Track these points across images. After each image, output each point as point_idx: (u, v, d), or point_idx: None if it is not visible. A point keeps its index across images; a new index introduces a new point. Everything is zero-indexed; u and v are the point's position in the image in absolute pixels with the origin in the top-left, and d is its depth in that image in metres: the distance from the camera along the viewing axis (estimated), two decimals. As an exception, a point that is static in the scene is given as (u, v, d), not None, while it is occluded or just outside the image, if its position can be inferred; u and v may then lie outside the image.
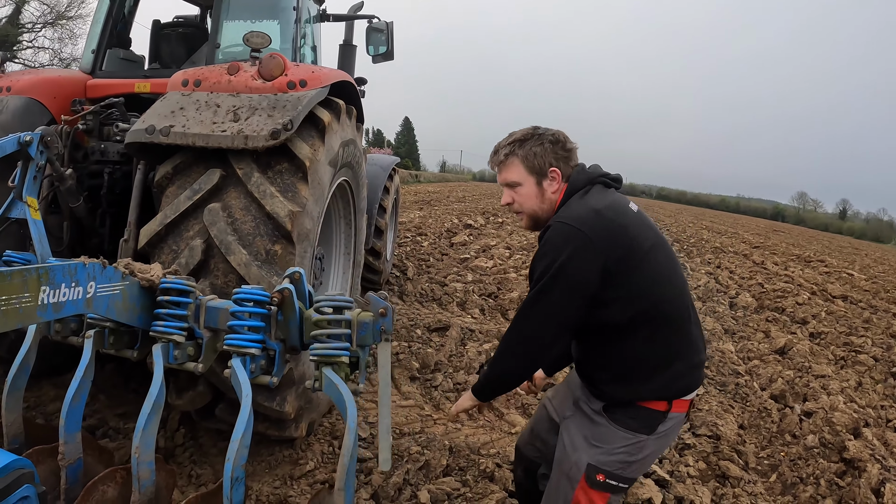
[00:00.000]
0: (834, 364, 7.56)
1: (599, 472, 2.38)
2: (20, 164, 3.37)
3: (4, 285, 1.70)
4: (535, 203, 2.47)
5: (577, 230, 2.22)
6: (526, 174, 2.44)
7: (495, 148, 2.52)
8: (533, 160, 2.41)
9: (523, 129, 2.50)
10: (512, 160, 2.45)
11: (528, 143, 2.43)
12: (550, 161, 2.42)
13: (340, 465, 2.10)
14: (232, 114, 3.31)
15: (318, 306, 2.45)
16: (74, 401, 2.32)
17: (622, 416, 2.39)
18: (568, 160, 2.45)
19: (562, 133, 2.48)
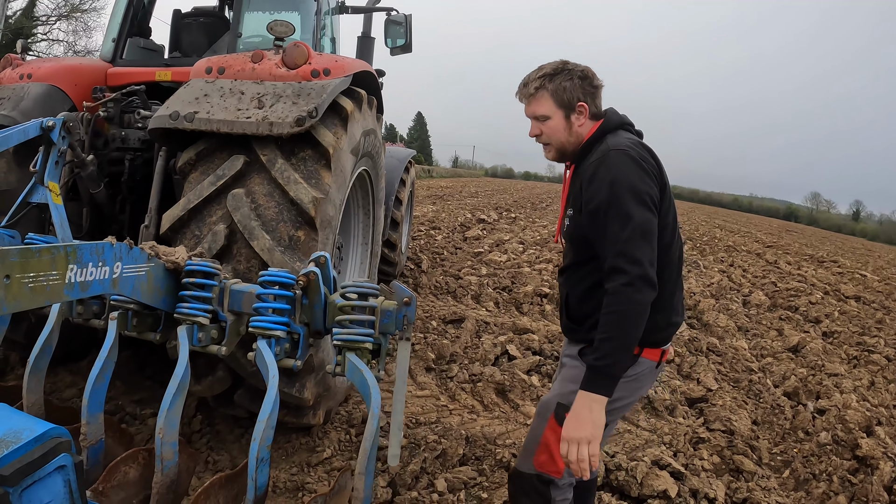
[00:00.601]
0: (847, 363, 7.51)
1: (567, 410, 2.30)
2: (42, 149, 3.38)
3: (33, 262, 1.70)
4: (564, 136, 2.48)
5: (634, 156, 2.27)
6: (555, 108, 2.44)
7: (525, 80, 2.51)
8: (563, 94, 2.41)
9: (552, 63, 2.49)
10: (542, 93, 2.44)
11: (558, 77, 2.42)
12: (579, 96, 2.42)
13: (362, 450, 2.10)
14: (256, 101, 3.31)
15: (343, 292, 2.45)
16: (98, 381, 2.33)
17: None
18: (594, 97, 2.47)
19: (590, 69, 2.48)
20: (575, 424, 2.16)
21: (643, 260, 2.14)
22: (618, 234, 2.17)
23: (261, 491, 2.08)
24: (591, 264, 2.42)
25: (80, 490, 1.41)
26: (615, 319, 2.13)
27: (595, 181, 2.28)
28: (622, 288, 2.13)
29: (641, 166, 2.27)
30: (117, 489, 2.23)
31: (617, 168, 2.25)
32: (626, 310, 2.13)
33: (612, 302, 2.14)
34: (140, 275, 2.28)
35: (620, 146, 2.31)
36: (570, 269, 2.58)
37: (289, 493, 3.46)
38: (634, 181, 2.23)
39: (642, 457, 4.06)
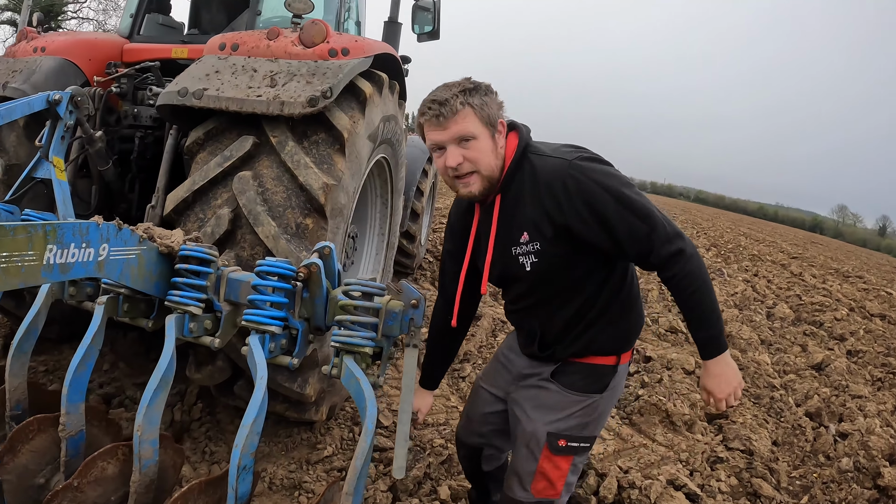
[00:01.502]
0: (871, 385, 7.25)
1: (560, 438, 2.37)
2: (48, 123, 3.27)
3: (6, 241, 1.55)
4: (492, 159, 2.20)
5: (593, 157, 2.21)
6: (481, 126, 2.16)
7: (437, 99, 2.15)
8: (486, 110, 2.15)
9: (459, 80, 2.21)
10: (468, 111, 2.13)
11: (476, 93, 2.15)
12: (497, 112, 2.20)
13: (352, 468, 1.91)
14: (269, 79, 3.16)
15: (346, 289, 2.27)
16: (80, 369, 2.18)
17: (572, 379, 2.40)
18: (502, 115, 2.25)
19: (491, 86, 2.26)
20: (725, 382, 2.19)
21: (679, 229, 2.14)
22: (649, 225, 2.10)
23: (242, 501, 1.92)
24: (572, 290, 2.32)
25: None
26: (702, 292, 2.13)
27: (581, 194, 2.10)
28: (689, 264, 2.11)
29: (606, 162, 2.21)
30: (94, 485, 2.09)
31: (594, 173, 2.13)
32: (704, 278, 2.13)
33: (690, 279, 2.12)
34: (130, 258, 2.13)
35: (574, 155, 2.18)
36: (541, 304, 2.39)
37: (285, 490, 3.33)
38: (617, 175, 2.17)
39: (657, 475, 3.89)
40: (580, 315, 2.33)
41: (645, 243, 2.10)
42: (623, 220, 2.08)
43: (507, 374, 2.69)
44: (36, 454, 2.26)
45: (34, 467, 2.25)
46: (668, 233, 2.10)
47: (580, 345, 2.36)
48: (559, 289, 2.31)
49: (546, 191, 2.15)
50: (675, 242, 2.10)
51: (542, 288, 2.34)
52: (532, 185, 2.19)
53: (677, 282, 2.12)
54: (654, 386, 5.49)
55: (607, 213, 2.08)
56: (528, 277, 2.30)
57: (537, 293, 2.37)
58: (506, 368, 2.71)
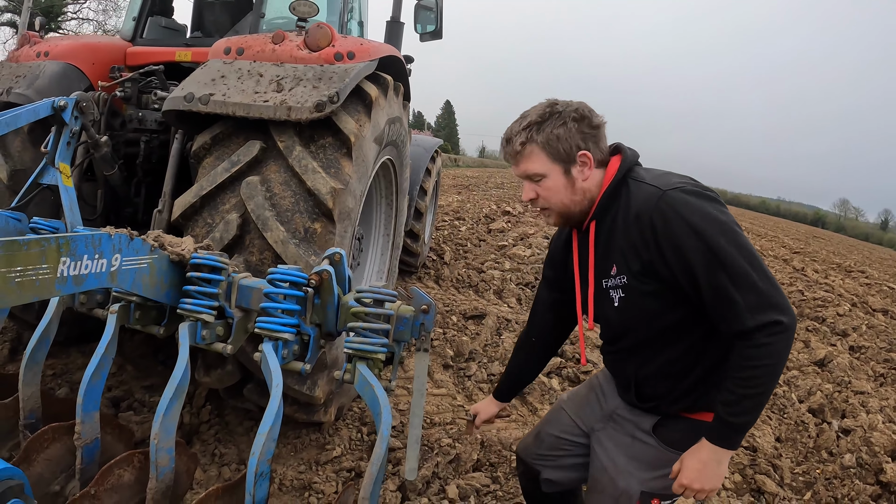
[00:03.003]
0: (874, 380, 7.26)
1: (654, 497, 2.15)
2: (53, 129, 3.28)
3: (20, 255, 1.57)
4: (566, 195, 2.06)
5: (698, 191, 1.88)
6: (550, 163, 2.02)
7: (507, 135, 2.08)
8: (557, 145, 1.99)
9: (538, 107, 2.06)
10: (531, 148, 2.02)
11: (547, 125, 1.99)
12: (578, 143, 2.00)
13: (368, 474, 1.92)
14: (275, 84, 3.17)
15: (359, 296, 2.28)
16: (94, 378, 2.20)
17: (675, 436, 2.13)
18: (597, 139, 2.04)
19: (585, 106, 2.04)
20: (703, 475, 1.91)
21: (784, 300, 1.78)
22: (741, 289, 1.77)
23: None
24: (671, 335, 2.05)
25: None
26: (766, 374, 1.78)
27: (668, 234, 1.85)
28: (778, 339, 1.75)
29: (711, 198, 1.88)
30: (111, 492, 2.12)
31: (689, 210, 1.84)
32: (778, 363, 1.78)
33: (765, 355, 1.76)
34: (141, 267, 2.14)
35: (672, 185, 1.90)
36: (636, 348, 2.16)
37: (295, 491, 3.35)
38: (718, 217, 1.83)
39: (664, 472, 3.90)
40: (684, 366, 2.07)
41: (728, 307, 1.80)
42: (710, 273, 1.80)
43: (599, 408, 2.44)
44: (51, 462, 2.28)
45: (49, 475, 2.28)
46: (762, 301, 1.76)
47: (689, 400, 2.10)
48: (655, 332, 2.06)
49: (635, 222, 1.94)
50: (769, 312, 1.75)
51: (634, 329, 2.11)
52: (625, 214, 1.99)
53: (749, 350, 1.79)
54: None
55: (693, 261, 1.82)
56: (616, 315, 2.10)
57: (630, 335, 2.14)
58: (598, 402, 2.46)
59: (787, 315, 1.75)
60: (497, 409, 2.74)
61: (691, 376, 2.06)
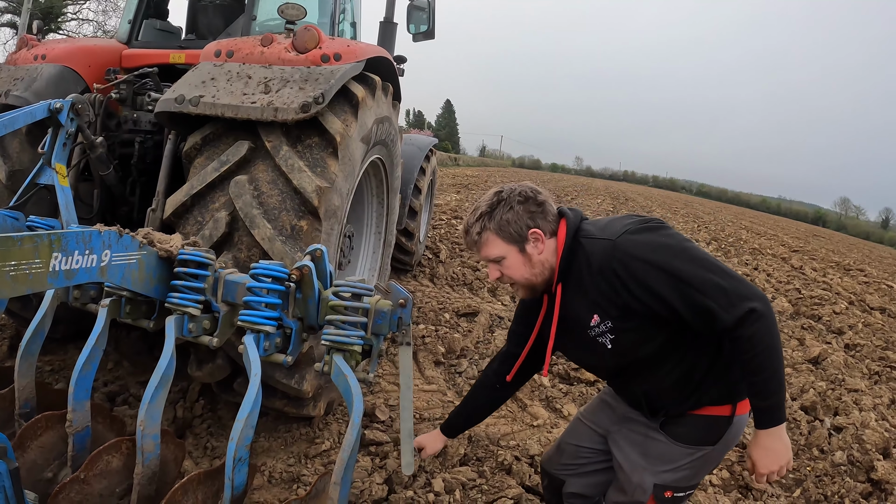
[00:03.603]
0: (868, 378, 7.30)
1: (667, 490, 2.33)
2: (50, 130, 3.37)
3: (14, 251, 1.66)
4: (526, 271, 2.25)
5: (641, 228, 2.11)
6: (505, 245, 2.22)
7: (464, 228, 2.31)
8: (508, 228, 2.20)
9: (486, 197, 2.28)
10: (486, 236, 2.23)
11: (497, 213, 2.21)
12: (527, 223, 2.20)
13: (339, 460, 2.03)
14: (263, 85, 3.26)
15: (336, 290, 2.38)
16: (85, 369, 2.30)
17: (682, 431, 2.30)
18: (545, 214, 2.24)
19: (527, 187, 2.26)
20: (773, 457, 2.06)
21: (751, 289, 1.98)
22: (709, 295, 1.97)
23: (238, 491, 2.03)
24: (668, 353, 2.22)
25: (16, 497, 1.36)
26: (767, 355, 1.95)
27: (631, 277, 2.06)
28: (760, 324, 1.93)
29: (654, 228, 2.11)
30: (99, 477, 2.21)
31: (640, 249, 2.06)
32: (771, 342, 1.96)
33: (757, 341, 1.94)
34: (130, 263, 2.23)
35: (619, 232, 2.12)
36: (641, 373, 2.32)
37: (284, 483, 3.43)
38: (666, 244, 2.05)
39: (647, 466, 3.97)
40: (683, 374, 2.24)
41: (706, 315, 1.99)
42: (679, 294, 2.00)
43: (612, 412, 2.63)
44: (44, 449, 2.38)
45: (42, 462, 2.37)
46: (731, 298, 1.95)
47: (694, 400, 2.26)
48: (651, 356, 2.24)
49: (599, 275, 2.13)
50: (740, 305, 1.94)
51: (633, 361, 2.27)
52: (588, 271, 2.18)
53: (741, 344, 1.97)
54: (648, 379, 5.56)
55: (661, 291, 2.01)
56: (614, 354, 2.25)
57: (631, 367, 2.31)
58: (610, 407, 2.65)
59: (758, 301, 1.94)
60: (442, 445, 2.92)
61: (693, 381, 2.23)
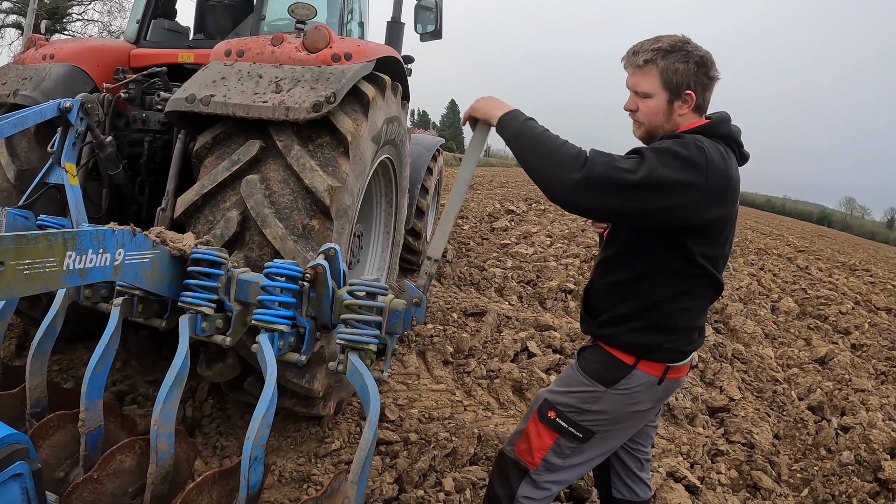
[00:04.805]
0: (874, 378, 7.29)
1: (551, 409, 2.39)
2: (59, 129, 3.37)
3: (29, 249, 1.65)
4: (660, 120, 2.28)
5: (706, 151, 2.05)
6: (660, 88, 2.23)
7: (635, 48, 2.28)
8: (672, 76, 2.20)
9: (671, 37, 2.25)
10: (650, 68, 2.23)
11: (672, 56, 2.19)
12: (689, 82, 2.21)
13: (357, 459, 2.03)
14: (274, 85, 3.25)
15: (351, 289, 2.37)
16: (98, 368, 2.29)
17: (587, 361, 2.41)
18: (706, 88, 2.26)
19: (710, 56, 2.25)
20: (484, 103, 2.36)
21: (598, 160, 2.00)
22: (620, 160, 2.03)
23: (253, 490, 2.02)
24: (624, 257, 2.34)
25: (38, 498, 1.35)
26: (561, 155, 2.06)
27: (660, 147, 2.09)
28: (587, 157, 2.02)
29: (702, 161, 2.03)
30: (112, 477, 2.21)
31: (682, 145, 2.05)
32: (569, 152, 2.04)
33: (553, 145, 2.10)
34: (144, 262, 2.23)
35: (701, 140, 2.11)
36: (603, 260, 2.47)
37: (294, 483, 3.42)
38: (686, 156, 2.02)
39: (658, 467, 3.96)
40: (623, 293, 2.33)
41: None
42: None
43: None
44: (56, 449, 2.37)
45: (54, 461, 2.36)
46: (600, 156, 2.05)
47: (613, 329, 2.34)
48: (614, 252, 2.38)
49: None
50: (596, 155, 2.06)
51: (607, 246, 2.44)
52: None
53: None
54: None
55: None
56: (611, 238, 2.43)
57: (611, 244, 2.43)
58: None
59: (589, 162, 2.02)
60: None
61: (624, 306, 2.32)
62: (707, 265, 2.21)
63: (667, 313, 2.27)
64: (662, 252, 2.21)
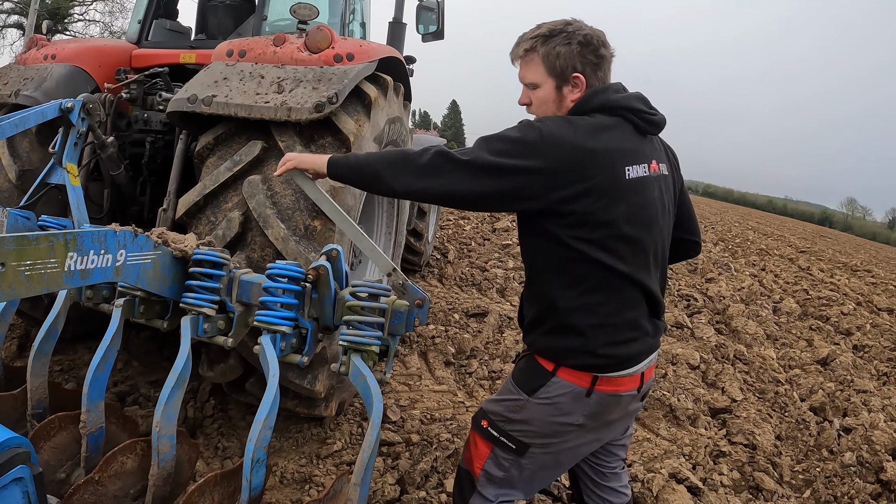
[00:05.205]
0: (876, 379, 7.28)
1: (484, 418, 2.28)
2: (61, 130, 3.36)
3: (30, 250, 1.64)
4: (552, 108, 2.16)
5: (541, 129, 1.96)
6: (545, 75, 2.12)
7: (518, 39, 2.18)
8: (555, 60, 2.08)
9: (553, 22, 2.14)
10: (532, 57, 2.13)
11: (553, 40, 2.08)
12: (575, 65, 2.08)
13: (359, 461, 2.02)
14: (276, 85, 3.24)
15: (354, 290, 2.36)
16: (99, 369, 2.28)
17: (518, 367, 2.28)
18: (597, 67, 2.11)
19: (598, 34, 2.11)
20: (303, 157, 2.35)
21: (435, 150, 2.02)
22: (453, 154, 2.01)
23: (255, 492, 2.02)
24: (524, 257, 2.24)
25: (40, 502, 1.35)
26: (387, 159, 2.11)
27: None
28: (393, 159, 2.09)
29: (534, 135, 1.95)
30: (114, 478, 2.20)
31: (508, 130, 2.02)
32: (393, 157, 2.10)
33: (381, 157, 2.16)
34: (145, 263, 2.22)
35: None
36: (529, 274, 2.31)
37: (296, 484, 3.41)
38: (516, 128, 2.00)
39: (660, 468, 3.96)
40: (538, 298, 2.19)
41: None
42: None
43: None
44: (57, 450, 2.36)
45: (55, 463, 2.35)
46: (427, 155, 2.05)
47: (532, 337, 2.21)
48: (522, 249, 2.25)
49: None
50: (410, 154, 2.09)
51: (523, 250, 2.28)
52: None
53: None
54: (659, 381, 5.56)
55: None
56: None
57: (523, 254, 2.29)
58: None
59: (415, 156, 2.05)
60: None
61: (532, 308, 2.20)
62: (587, 250, 1.99)
63: (565, 311, 2.07)
64: (545, 244, 2.08)
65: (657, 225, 2.14)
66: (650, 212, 2.10)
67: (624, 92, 2.16)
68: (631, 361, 2.11)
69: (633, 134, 2.12)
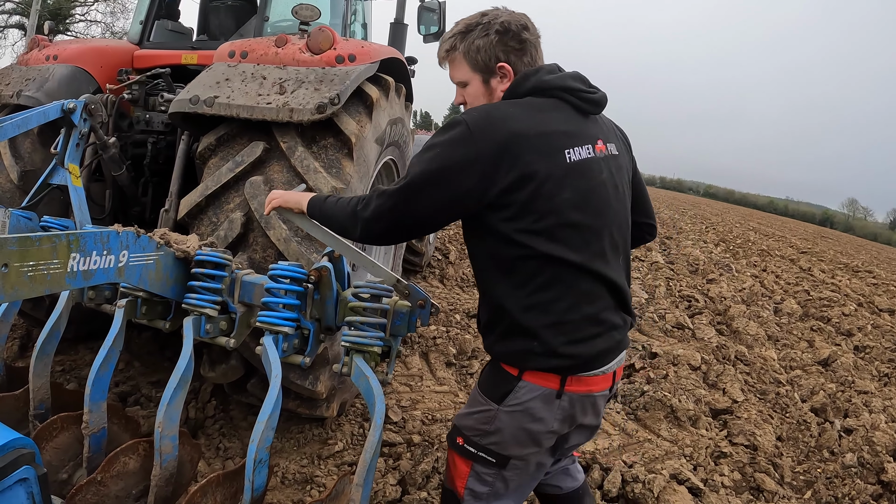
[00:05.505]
0: (878, 380, 7.25)
1: (459, 434, 2.15)
2: (63, 130, 3.37)
3: (32, 251, 1.65)
4: (482, 103, 2.10)
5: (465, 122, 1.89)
6: (470, 72, 2.09)
7: (440, 40, 2.15)
8: (476, 55, 2.05)
9: (470, 16, 2.11)
10: (454, 56, 2.10)
11: (470, 35, 2.05)
12: (497, 55, 2.04)
13: (362, 461, 2.01)
14: (278, 86, 3.25)
15: (356, 291, 2.37)
16: (102, 370, 2.28)
17: (485, 376, 2.15)
18: (522, 53, 2.05)
19: (517, 18, 2.06)
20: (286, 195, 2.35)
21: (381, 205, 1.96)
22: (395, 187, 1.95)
23: (258, 492, 2.02)
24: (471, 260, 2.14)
25: (44, 503, 1.35)
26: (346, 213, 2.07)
27: None
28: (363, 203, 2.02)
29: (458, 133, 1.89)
30: (116, 479, 2.19)
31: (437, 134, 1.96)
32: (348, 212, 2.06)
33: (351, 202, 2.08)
34: (148, 263, 2.23)
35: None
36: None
37: (297, 484, 3.41)
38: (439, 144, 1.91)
39: (661, 469, 3.96)
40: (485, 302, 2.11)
41: None
42: None
43: None
44: (59, 451, 2.36)
45: (58, 463, 2.36)
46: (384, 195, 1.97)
47: (486, 339, 2.12)
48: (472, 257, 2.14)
49: None
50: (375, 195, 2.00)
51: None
52: None
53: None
54: (660, 382, 5.55)
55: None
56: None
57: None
58: None
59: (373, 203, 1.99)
60: None
61: (485, 313, 2.09)
62: (533, 244, 1.89)
63: (516, 312, 1.95)
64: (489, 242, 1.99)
65: (610, 209, 2.04)
66: (600, 195, 2.00)
67: (558, 72, 2.09)
68: (599, 360, 2.01)
69: (572, 114, 2.03)
